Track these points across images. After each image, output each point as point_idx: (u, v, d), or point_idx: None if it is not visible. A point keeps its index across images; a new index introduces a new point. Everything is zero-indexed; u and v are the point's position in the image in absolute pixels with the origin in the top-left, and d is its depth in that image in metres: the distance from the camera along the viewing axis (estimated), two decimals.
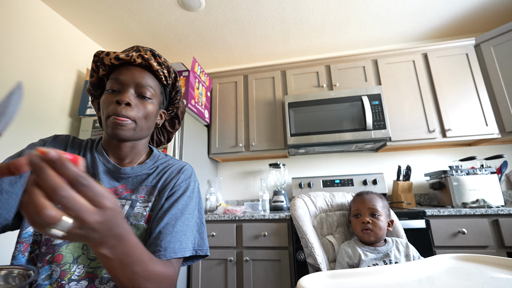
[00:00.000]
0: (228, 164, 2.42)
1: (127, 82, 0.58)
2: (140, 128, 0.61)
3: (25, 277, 0.37)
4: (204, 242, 0.62)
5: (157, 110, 0.65)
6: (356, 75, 2.03)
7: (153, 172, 0.65)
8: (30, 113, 1.63)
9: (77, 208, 0.28)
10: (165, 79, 0.64)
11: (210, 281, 1.57)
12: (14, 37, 1.56)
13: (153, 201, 0.61)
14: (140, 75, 0.60)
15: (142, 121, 0.60)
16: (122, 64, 0.60)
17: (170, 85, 0.68)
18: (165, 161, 0.69)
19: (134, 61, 0.59)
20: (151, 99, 0.62)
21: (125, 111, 0.56)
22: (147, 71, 0.61)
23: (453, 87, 1.86)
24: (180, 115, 0.80)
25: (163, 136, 0.80)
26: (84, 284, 0.51)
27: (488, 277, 0.54)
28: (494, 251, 1.36)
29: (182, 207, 0.60)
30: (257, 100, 2.15)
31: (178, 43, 2.27)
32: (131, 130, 0.58)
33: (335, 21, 2.03)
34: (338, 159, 2.23)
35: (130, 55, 0.58)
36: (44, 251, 0.52)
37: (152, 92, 0.62)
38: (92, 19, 1.95)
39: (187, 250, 0.57)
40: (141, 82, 0.59)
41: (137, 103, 0.59)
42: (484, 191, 1.55)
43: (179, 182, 0.64)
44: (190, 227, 0.60)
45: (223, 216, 1.63)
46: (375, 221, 0.88)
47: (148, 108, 0.61)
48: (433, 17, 2.02)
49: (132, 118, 0.58)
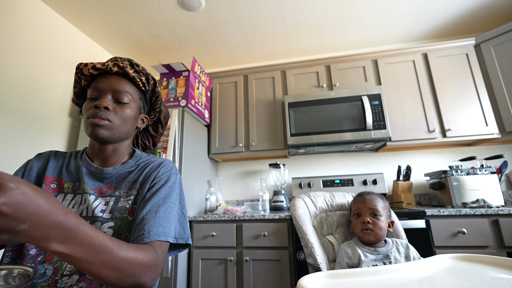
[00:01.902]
0: (228, 164, 2.42)
1: (104, 89, 0.63)
2: (118, 130, 0.65)
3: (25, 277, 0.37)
4: (185, 232, 0.64)
5: (135, 114, 0.69)
6: (356, 75, 2.03)
7: (134, 169, 0.69)
8: (30, 113, 1.63)
9: None
10: (143, 85, 0.69)
11: (210, 281, 1.57)
12: (14, 37, 1.56)
13: (135, 194, 0.65)
14: (117, 82, 0.65)
15: (120, 123, 0.65)
16: (101, 74, 0.65)
17: (149, 91, 0.72)
18: (147, 159, 0.73)
19: (111, 69, 0.64)
20: (129, 104, 0.66)
21: (103, 113, 0.61)
22: (124, 79, 0.66)
23: (453, 87, 1.86)
24: (163, 119, 0.84)
25: (147, 140, 0.84)
26: (76, 277, 0.54)
27: (488, 277, 0.54)
28: (494, 251, 1.36)
29: (164, 196, 0.63)
30: (257, 100, 2.15)
31: (178, 43, 2.27)
32: (108, 130, 0.62)
33: (335, 21, 2.03)
34: (338, 159, 2.23)
35: (106, 64, 0.64)
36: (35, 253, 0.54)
37: (130, 98, 0.66)
38: (92, 19, 1.95)
39: (170, 236, 0.58)
40: (118, 88, 0.64)
41: (115, 107, 0.64)
42: (484, 191, 1.55)
43: (160, 174, 0.67)
44: (172, 216, 0.62)
45: (223, 216, 1.63)
46: (376, 221, 0.88)
47: (126, 112, 0.65)
48: (433, 17, 2.02)
49: (110, 120, 0.62)
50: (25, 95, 1.61)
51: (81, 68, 0.65)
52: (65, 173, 0.66)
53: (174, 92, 1.82)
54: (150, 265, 0.49)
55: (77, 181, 0.65)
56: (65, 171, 0.67)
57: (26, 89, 1.62)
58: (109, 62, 0.65)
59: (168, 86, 1.85)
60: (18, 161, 1.52)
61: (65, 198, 0.62)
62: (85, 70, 0.64)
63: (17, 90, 1.56)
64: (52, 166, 0.67)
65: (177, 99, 1.78)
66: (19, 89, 1.58)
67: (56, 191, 0.63)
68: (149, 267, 0.49)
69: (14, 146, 1.52)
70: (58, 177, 0.66)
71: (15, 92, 1.55)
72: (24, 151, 1.57)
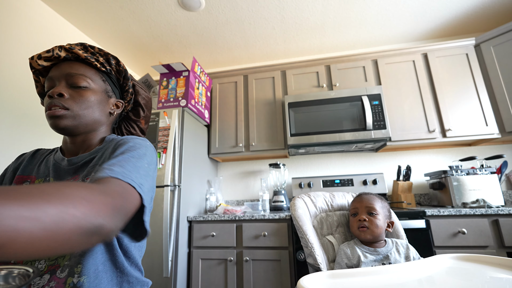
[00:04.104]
0: (228, 164, 2.42)
1: (56, 76, 0.59)
2: (82, 117, 0.59)
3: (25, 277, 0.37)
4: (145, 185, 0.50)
5: (100, 98, 0.63)
6: (356, 75, 2.03)
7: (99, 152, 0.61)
8: (29, 113, 1.63)
9: None
10: (101, 65, 0.63)
11: (210, 281, 1.57)
12: (14, 37, 1.56)
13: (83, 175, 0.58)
14: (69, 66, 0.59)
15: (82, 110, 0.59)
16: (53, 65, 0.61)
17: (114, 71, 0.67)
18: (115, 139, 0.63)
19: (58, 55, 0.58)
20: (87, 87, 0.60)
21: (58, 101, 0.56)
22: (77, 62, 0.61)
23: (453, 87, 1.86)
24: (142, 101, 0.76)
25: (132, 128, 0.78)
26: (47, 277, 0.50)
27: (488, 277, 0.54)
28: (494, 251, 1.36)
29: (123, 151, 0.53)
30: (257, 100, 2.15)
31: (178, 43, 2.27)
32: (69, 119, 0.57)
33: (335, 21, 2.03)
34: (338, 159, 2.23)
35: (51, 50, 0.58)
36: None
37: (88, 81, 0.60)
38: (92, 19, 1.95)
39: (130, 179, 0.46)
40: (70, 72, 0.59)
41: (72, 93, 0.59)
42: (484, 191, 1.55)
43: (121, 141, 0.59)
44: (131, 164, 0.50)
45: (223, 216, 1.63)
46: (372, 219, 0.88)
47: (86, 95, 0.59)
48: (433, 17, 2.02)
49: (68, 107, 0.57)
50: (25, 95, 1.61)
51: (30, 62, 0.60)
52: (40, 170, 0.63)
53: (174, 92, 1.82)
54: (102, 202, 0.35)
55: (47, 176, 0.61)
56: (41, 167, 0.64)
57: (26, 89, 1.62)
58: (54, 47, 0.60)
59: (168, 86, 1.85)
60: None
61: None
62: (33, 63, 0.60)
63: (17, 90, 1.56)
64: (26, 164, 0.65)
65: (177, 99, 1.78)
66: (19, 89, 1.58)
67: None
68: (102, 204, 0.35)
69: (14, 146, 1.52)
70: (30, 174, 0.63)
71: (15, 92, 1.55)
72: (23, 151, 1.57)
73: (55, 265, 0.51)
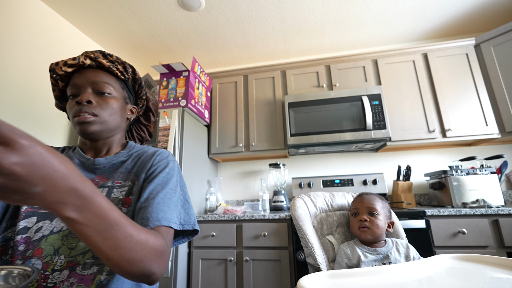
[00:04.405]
0: (228, 164, 2.42)
1: (82, 83, 0.61)
2: (108, 123, 0.63)
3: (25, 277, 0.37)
4: (191, 218, 0.62)
5: (121, 105, 0.67)
6: (356, 75, 2.03)
7: (127, 159, 0.67)
8: (29, 114, 1.63)
9: None
10: (121, 74, 0.66)
11: (210, 281, 1.57)
12: (14, 37, 1.56)
13: (130, 185, 0.62)
14: (93, 74, 0.62)
15: (108, 116, 0.63)
16: (76, 71, 0.63)
17: (130, 79, 0.70)
18: (140, 148, 0.71)
19: (83, 63, 0.61)
20: (111, 94, 0.64)
21: (87, 108, 0.59)
22: (100, 70, 0.64)
23: (453, 87, 1.86)
24: (152, 107, 0.81)
25: (142, 131, 0.83)
26: (66, 273, 0.52)
27: (488, 277, 0.54)
28: (494, 251, 1.36)
29: (161, 182, 0.60)
30: (257, 100, 2.15)
31: (178, 43, 2.27)
32: (98, 124, 0.61)
33: (335, 21, 2.03)
34: (338, 159, 2.23)
35: (77, 58, 0.61)
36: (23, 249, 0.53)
37: (111, 88, 0.64)
38: (92, 19, 1.95)
39: (172, 222, 0.55)
40: (96, 80, 0.62)
41: (98, 100, 0.62)
42: (484, 191, 1.55)
43: (156, 162, 0.64)
44: (173, 202, 0.59)
45: (223, 216, 1.63)
46: (373, 220, 0.88)
47: (111, 102, 0.63)
48: (433, 17, 2.02)
49: (96, 114, 0.60)
50: (25, 95, 1.61)
51: (53, 68, 0.62)
52: None
53: (174, 92, 1.82)
54: (161, 252, 0.46)
55: None
56: None
57: (26, 89, 1.62)
58: (80, 56, 0.63)
59: (168, 86, 1.85)
60: None
61: None
62: (57, 69, 0.62)
63: (17, 90, 1.56)
64: None
65: (177, 99, 1.78)
66: (19, 89, 1.58)
67: None
68: (160, 254, 0.46)
69: None
70: None
71: (15, 92, 1.55)
72: None
73: (74, 262, 0.53)
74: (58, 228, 0.56)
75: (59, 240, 0.55)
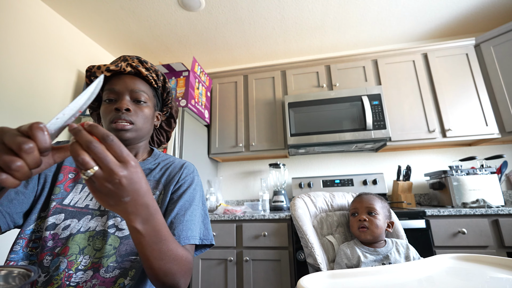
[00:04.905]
0: (228, 164, 2.42)
1: (121, 90, 0.63)
2: (141, 130, 0.65)
3: (25, 277, 0.36)
4: (209, 232, 0.66)
5: (153, 112, 0.70)
6: (356, 75, 2.03)
7: (155, 167, 0.70)
8: (30, 113, 1.63)
9: (105, 159, 0.33)
10: (155, 83, 0.69)
11: (210, 281, 1.57)
12: (14, 37, 1.56)
13: (157, 195, 0.65)
14: (132, 82, 0.65)
15: (142, 124, 0.65)
16: (114, 75, 0.65)
17: (160, 88, 0.73)
18: (166, 158, 0.75)
19: (124, 70, 0.64)
20: (146, 103, 0.67)
21: (125, 116, 0.62)
22: (137, 78, 0.66)
23: (453, 87, 1.86)
24: (174, 114, 0.84)
25: (162, 136, 0.85)
26: (90, 273, 0.53)
27: (488, 277, 0.54)
28: (494, 251, 1.36)
29: (189, 198, 0.65)
30: (257, 100, 2.15)
31: (178, 43, 2.27)
32: (133, 132, 0.63)
33: (335, 21, 2.03)
34: (338, 159, 2.23)
35: (119, 65, 0.63)
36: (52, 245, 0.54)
37: (146, 96, 0.66)
38: (92, 19, 1.95)
39: (196, 238, 0.60)
40: (134, 88, 0.64)
41: (135, 107, 0.64)
42: (484, 191, 1.55)
43: (184, 176, 0.68)
44: (197, 218, 0.64)
45: (223, 216, 1.63)
46: (372, 219, 0.88)
47: (145, 111, 0.66)
48: (433, 17, 2.02)
49: (133, 122, 0.63)
50: (25, 95, 1.61)
51: (93, 71, 0.64)
52: None
53: (174, 92, 1.82)
54: (189, 268, 0.53)
55: None
56: None
57: (26, 89, 1.62)
58: (121, 62, 0.65)
59: None
60: None
61: (83, 189, 0.62)
62: (98, 73, 0.64)
63: (17, 90, 1.56)
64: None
65: (177, 99, 1.78)
66: (19, 89, 1.58)
67: (73, 182, 0.62)
68: (188, 270, 0.53)
69: None
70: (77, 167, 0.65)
71: (15, 92, 1.55)
72: None
73: (99, 263, 0.55)
74: (85, 228, 0.57)
75: (85, 240, 0.56)
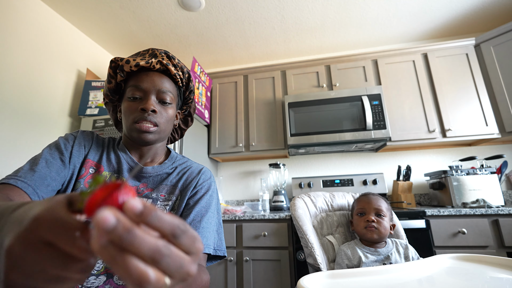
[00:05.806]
0: (228, 164, 2.42)
1: (148, 89, 0.60)
2: (163, 132, 0.63)
3: None
4: (222, 243, 0.65)
5: (175, 112, 0.67)
6: (356, 75, 2.03)
7: (172, 171, 0.68)
8: (30, 113, 1.63)
9: (180, 265, 0.21)
10: (181, 82, 0.66)
11: (210, 281, 1.57)
12: (14, 37, 1.56)
13: (174, 200, 0.63)
14: (160, 81, 0.61)
15: (165, 125, 0.63)
16: (140, 70, 0.61)
17: (184, 86, 0.70)
18: (183, 161, 0.73)
19: (153, 67, 0.60)
20: (171, 104, 0.64)
21: (151, 117, 0.59)
22: (165, 76, 0.63)
23: (453, 87, 1.86)
24: (193, 112, 0.81)
25: (177, 134, 0.82)
26: (103, 279, 0.53)
27: (488, 277, 0.54)
28: (494, 251, 1.36)
29: (205, 205, 0.63)
30: (257, 100, 2.15)
31: (178, 43, 2.26)
32: (156, 134, 0.61)
33: (335, 21, 2.03)
34: (338, 159, 2.23)
35: (149, 61, 0.60)
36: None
37: (171, 97, 0.64)
38: (92, 19, 1.95)
39: (210, 247, 0.58)
40: (162, 88, 0.61)
41: (160, 109, 0.62)
42: (484, 191, 1.55)
43: (201, 182, 0.67)
44: (212, 226, 0.62)
45: (223, 216, 1.63)
46: (380, 221, 0.88)
47: (169, 112, 0.64)
48: (433, 17, 2.02)
49: (158, 123, 0.61)
50: (25, 95, 1.61)
51: (121, 64, 0.60)
52: (105, 161, 0.63)
53: None
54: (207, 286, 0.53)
55: (117, 173, 0.63)
56: (105, 158, 0.64)
57: (26, 89, 1.62)
58: (152, 59, 0.61)
59: None
60: (18, 161, 1.52)
61: None
62: (126, 67, 0.60)
63: (17, 90, 1.56)
64: (95, 149, 0.64)
65: None
66: (19, 89, 1.58)
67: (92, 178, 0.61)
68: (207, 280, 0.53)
69: (14, 146, 1.52)
70: (98, 162, 0.63)
71: (15, 92, 1.55)
72: (24, 151, 1.57)
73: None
74: None
75: None
